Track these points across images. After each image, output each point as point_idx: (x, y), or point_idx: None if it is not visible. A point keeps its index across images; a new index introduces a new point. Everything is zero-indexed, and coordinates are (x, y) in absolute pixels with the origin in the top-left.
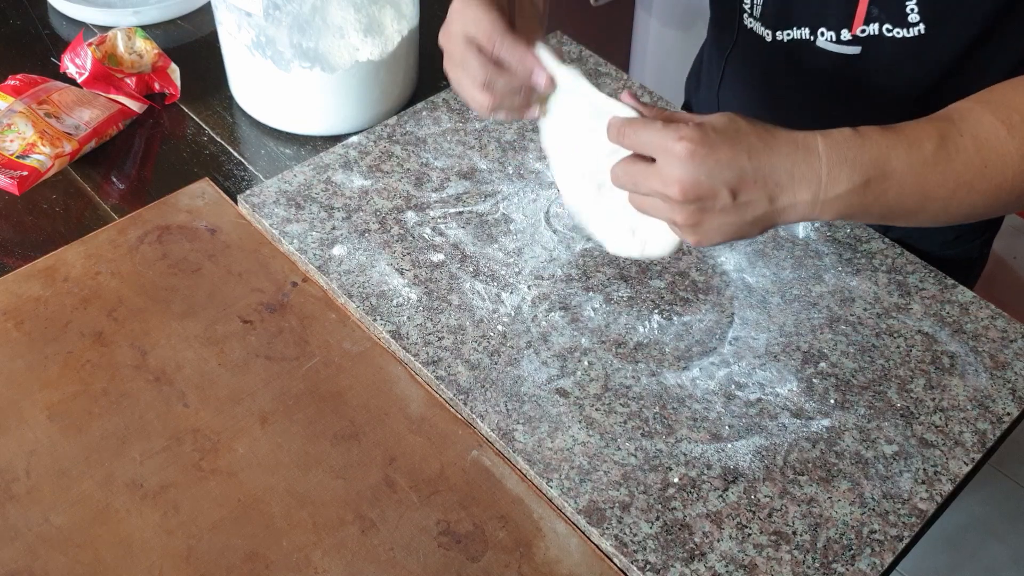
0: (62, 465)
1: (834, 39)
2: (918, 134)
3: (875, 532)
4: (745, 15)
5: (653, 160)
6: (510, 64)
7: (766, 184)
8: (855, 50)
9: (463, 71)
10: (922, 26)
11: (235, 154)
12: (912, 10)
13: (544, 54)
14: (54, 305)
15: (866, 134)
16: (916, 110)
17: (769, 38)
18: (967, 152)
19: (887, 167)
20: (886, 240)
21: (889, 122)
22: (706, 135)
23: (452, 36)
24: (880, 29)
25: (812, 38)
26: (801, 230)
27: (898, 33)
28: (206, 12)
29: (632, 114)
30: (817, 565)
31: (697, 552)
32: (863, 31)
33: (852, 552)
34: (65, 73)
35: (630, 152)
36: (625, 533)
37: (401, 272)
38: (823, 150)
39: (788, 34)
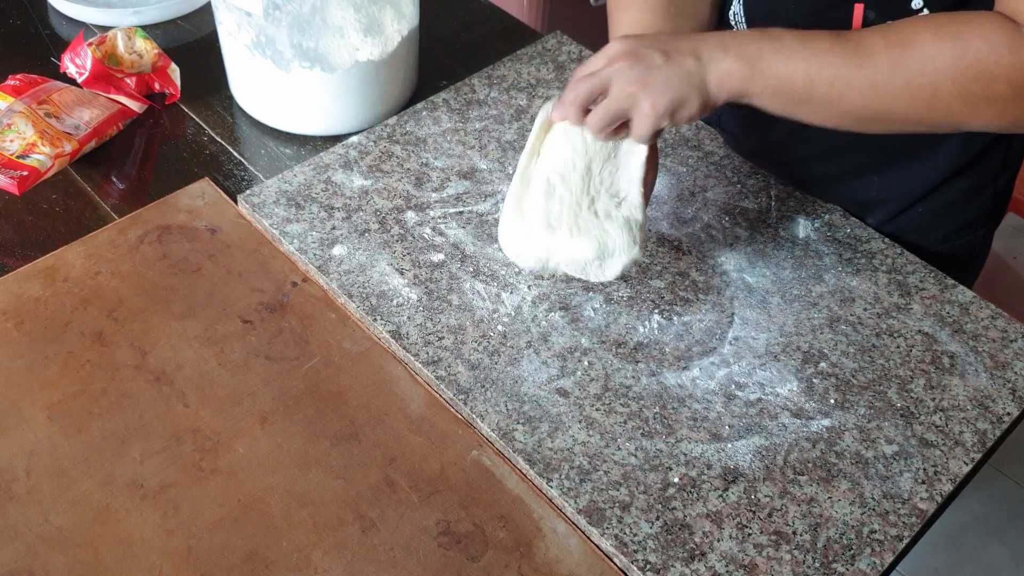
0: (62, 465)
1: None
2: (819, 33)
3: (875, 532)
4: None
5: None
6: None
7: (689, 49)
8: None
9: None
10: (926, 11)
11: (235, 154)
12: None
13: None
14: (54, 305)
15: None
16: None
17: None
18: (848, 45)
19: (782, 38)
20: (886, 240)
21: None
22: (628, 36)
23: None
24: None
25: None
26: (801, 230)
27: None
28: (206, 12)
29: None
30: (817, 565)
31: (697, 552)
32: None
33: (852, 552)
34: (65, 73)
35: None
36: (625, 533)
37: (401, 272)
38: (728, 34)
39: None
